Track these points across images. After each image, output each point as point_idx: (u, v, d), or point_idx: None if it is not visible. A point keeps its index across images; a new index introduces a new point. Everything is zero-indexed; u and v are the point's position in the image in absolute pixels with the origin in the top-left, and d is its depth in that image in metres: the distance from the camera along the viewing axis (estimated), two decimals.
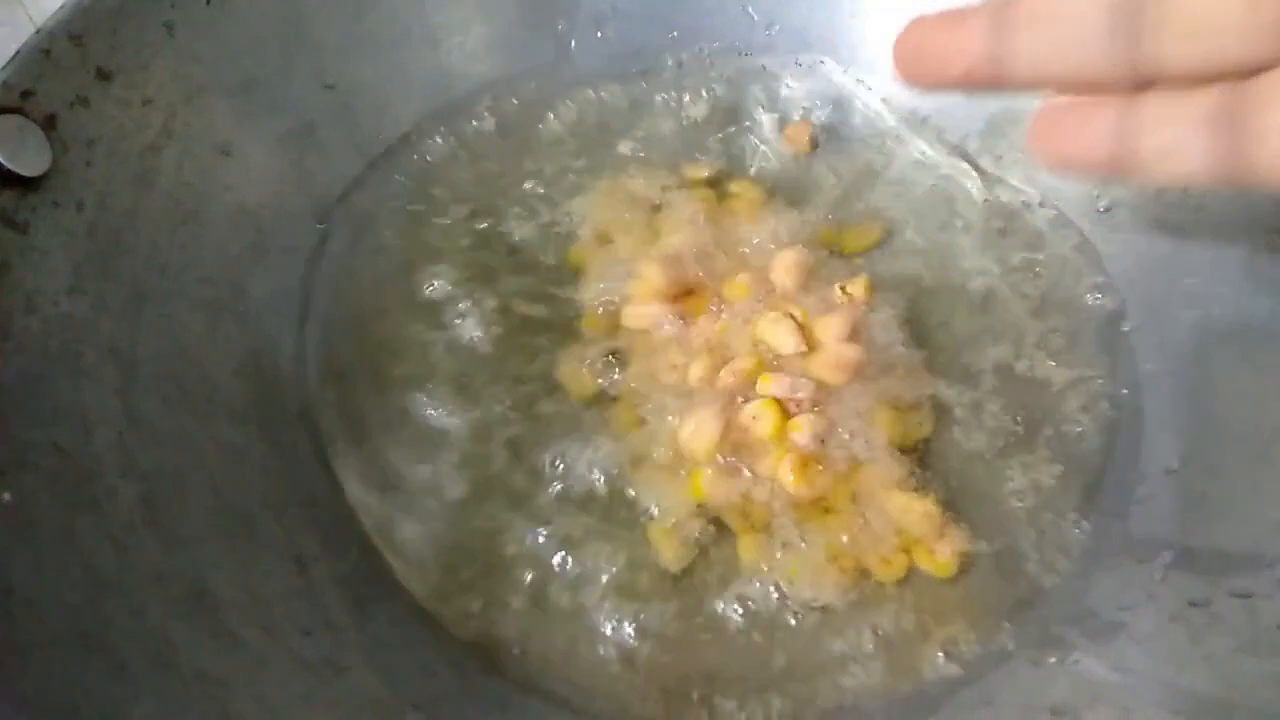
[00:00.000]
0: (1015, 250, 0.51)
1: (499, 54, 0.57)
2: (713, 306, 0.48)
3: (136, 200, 0.42)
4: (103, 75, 0.41)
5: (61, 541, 0.33)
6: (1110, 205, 0.51)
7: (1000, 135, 0.55)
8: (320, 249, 0.50)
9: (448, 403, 0.47)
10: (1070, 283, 0.50)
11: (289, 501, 0.42)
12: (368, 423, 0.46)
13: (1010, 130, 0.54)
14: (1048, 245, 0.51)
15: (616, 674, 0.40)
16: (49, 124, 0.39)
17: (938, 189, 0.54)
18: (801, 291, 0.47)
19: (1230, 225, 0.46)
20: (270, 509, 0.41)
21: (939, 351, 0.48)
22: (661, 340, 0.48)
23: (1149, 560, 0.40)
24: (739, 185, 0.54)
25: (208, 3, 0.45)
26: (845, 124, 0.57)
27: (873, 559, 0.42)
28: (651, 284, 0.48)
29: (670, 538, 0.43)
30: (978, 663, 0.40)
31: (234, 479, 0.41)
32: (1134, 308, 0.48)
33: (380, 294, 0.50)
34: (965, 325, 0.49)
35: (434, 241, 0.52)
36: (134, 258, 0.41)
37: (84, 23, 0.41)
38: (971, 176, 0.54)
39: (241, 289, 0.46)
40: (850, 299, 0.47)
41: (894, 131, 0.56)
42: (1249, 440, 0.41)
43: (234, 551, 0.38)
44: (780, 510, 0.43)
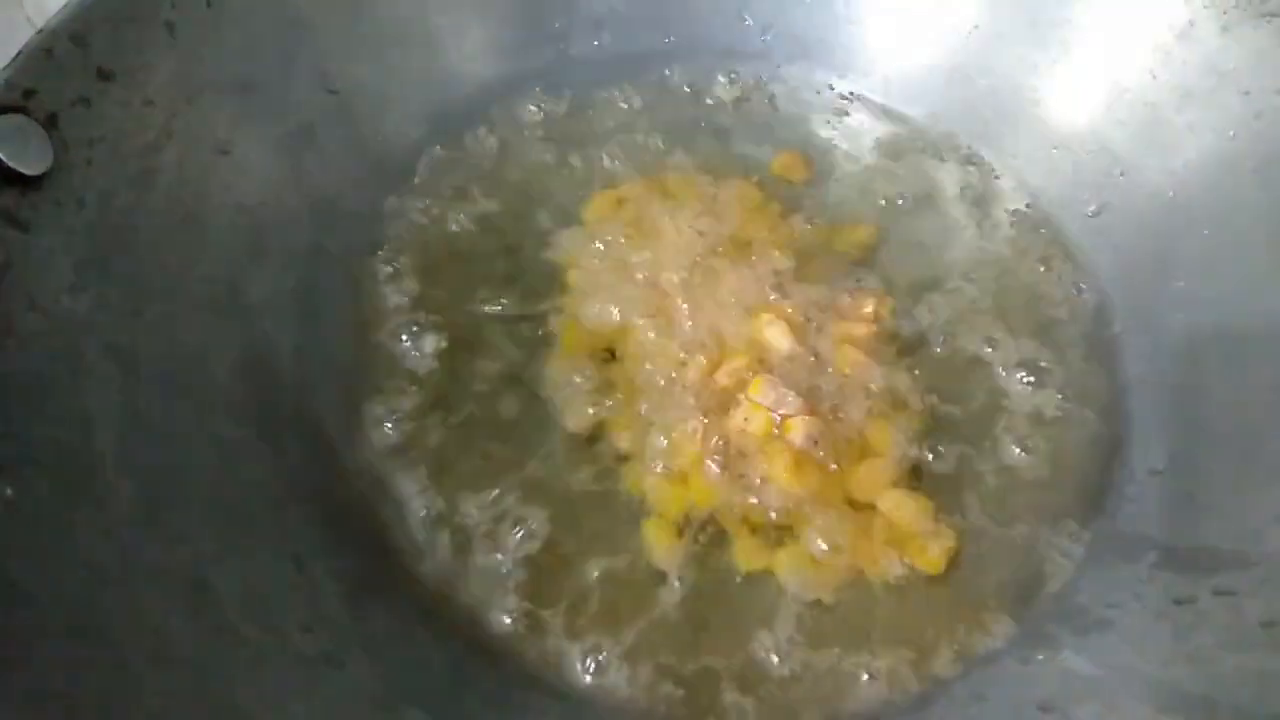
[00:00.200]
0: (1004, 252, 0.52)
1: (497, 56, 0.58)
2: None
3: (137, 199, 0.42)
4: (104, 75, 0.41)
5: (62, 538, 0.34)
6: (1099, 209, 0.51)
7: (991, 139, 0.56)
8: (319, 249, 0.50)
9: (439, 404, 0.47)
10: (1059, 286, 0.51)
11: (287, 498, 0.42)
12: (365, 422, 0.46)
13: (1001, 134, 0.55)
14: (1037, 248, 0.52)
15: (614, 671, 0.40)
16: (51, 123, 0.39)
17: (928, 191, 0.55)
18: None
19: (1219, 230, 0.46)
20: (269, 506, 0.41)
21: (928, 353, 0.49)
22: (654, 342, 0.48)
23: (1136, 559, 0.41)
24: (733, 188, 0.54)
25: (209, 4, 0.46)
26: (839, 126, 0.58)
27: (865, 557, 0.42)
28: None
29: (664, 537, 0.43)
30: (968, 660, 0.40)
31: (233, 476, 0.41)
32: (1122, 311, 0.49)
33: (376, 296, 0.50)
34: (954, 327, 0.50)
35: (430, 245, 0.52)
36: (134, 256, 0.41)
37: (86, 23, 0.41)
38: (962, 179, 0.55)
39: (240, 288, 0.46)
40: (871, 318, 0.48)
41: (886, 134, 0.57)
42: (1234, 442, 0.42)
43: (233, 548, 0.38)
44: (774, 509, 0.43)
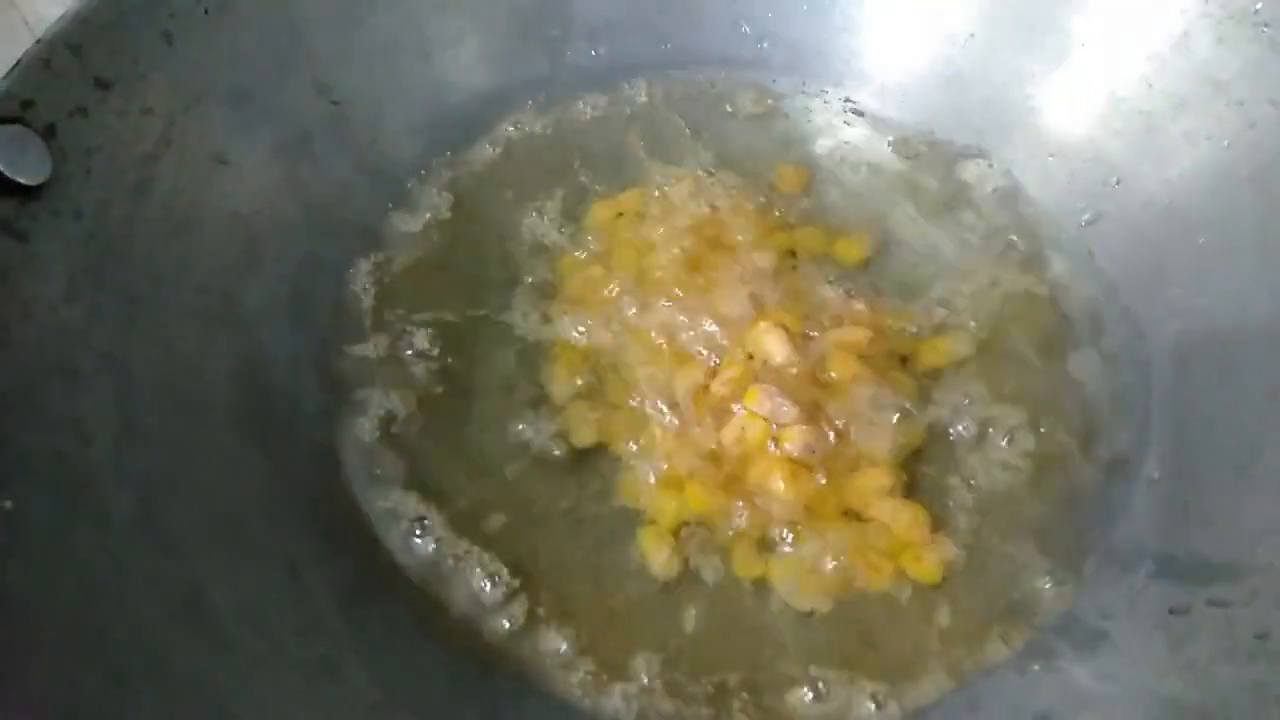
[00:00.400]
0: (999, 260, 0.52)
1: (492, 65, 0.58)
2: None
3: (134, 209, 0.42)
4: (102, 85, 0.41)
5: (59, 548, 0.34)
6: (1094, 218, 0.52)
7: (987, 147, 0.56)
8: (314, 258, 0.50)
9: (434, 414, 0.47)
10: (1054, 294, 0.51)
11: (283, 507, 0.42)
12: (359, 431, 0.46)
13: (996, 142, 0.55)
14: (1031, 256, 0.52)
15: (611, 681, 0.40)
16: (49, 133, 0.39)
17: (923, 199, 0.55)
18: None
19: (1214, 239, 0.47)
20: (265, 515, 0.41)
21: (922, 362, 0.49)
22: (650, 351, 0.48)
23: (1132, 569, 0.41)
24: (730, 196, 0.54)
25: (206, 13, 0.46)
26: (835, 134, 0.58)
27: (861, 566, 0.42)
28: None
29: (660, 546, 0.43)
30: (965, 670, 0.40)
31: (228, 485, 0.41)
32: (1116, 319, 0.49)
33: (371, 305, 0.50)
34: (948, 335, 0.50)
35: (426, 255, 0.52)
36: (130, 266, 0.41)
37: (83, 33, 0.41)
38: (957, 187, 0.55)
39: (236, 298, 0.46)
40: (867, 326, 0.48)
41: (881, 142, 0.57)
42: (1229, 453, 0.42)
43: (229, 557, 0.39)
44: (770, 518, 0.43)
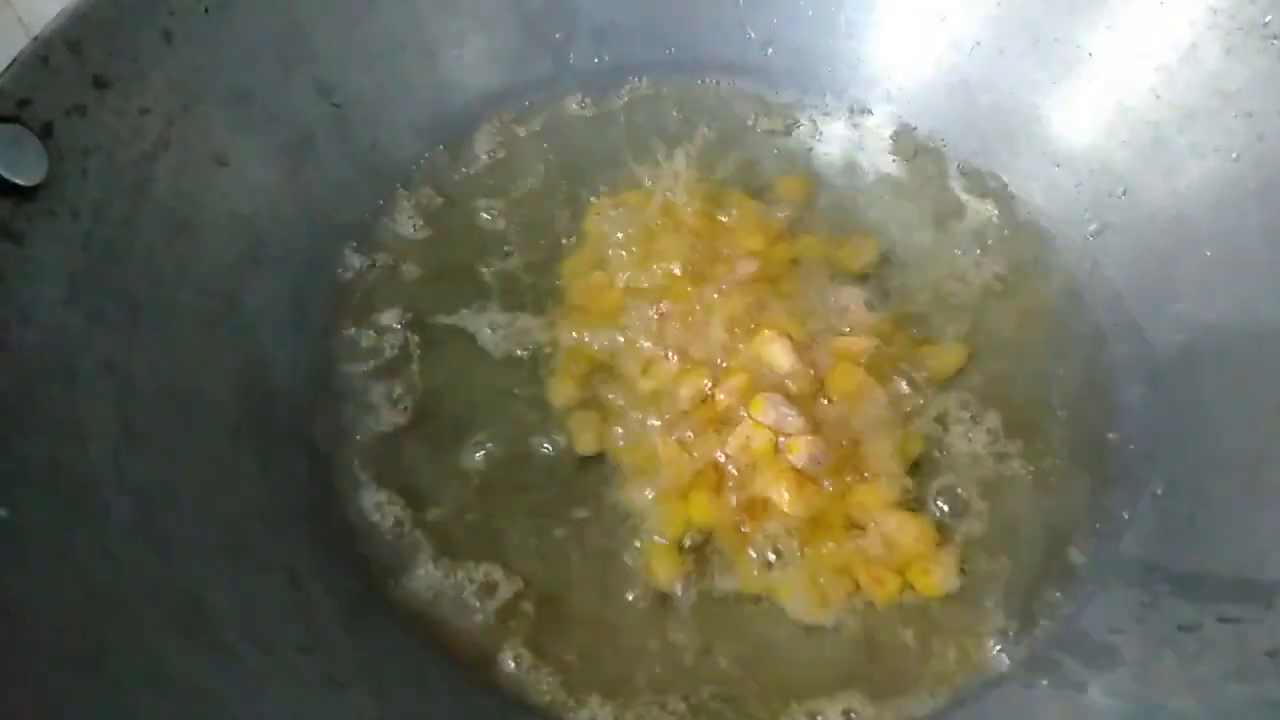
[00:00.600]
0: (1004, 270, 0.52)
1: (496, 67, 0.57)
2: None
3: (132, 210, 0.41)
4: (100, 83, 0.41)
5: (59, 556, 0.33)
6: (1100, 229, 0.51)
7: (992, 156, 0.55)
8: (315, 261, 0.49)
9: (437, 420, 0.47)
10: (1057, 305, 0.51)
11: (284, 516, 0.41)
12: (361, 437, 0.46)
13: (1002, 151, 0.55)
14: (1038, 269, 0.52)
15: (615, 694, 0.40)
16: (46, 132, 0.38)
17: (928, 207, 0.55)
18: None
19: (1221, 251, 0.46)
20: (265, 523, 0.41)
21: (926, 371, 0.48)
22: (653, 359, 0.48)
23: (1138, 584, 0.41)
24: (732, 202, 0.54)
25: (206, 11, 0.45)
26: (839, 141, 0.57)
27: (867, 579, 0.42)
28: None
29: (664, 558, 0.43)
30: (970, 685, 0.40)
31: (229, 493, 0.40)
32: (1121, 332, 0.49)
33: (373, 309, 0.50)
34: (953, 345, 0.49)
35: (428, 258, 0.52)
36: (129, 269, 0.41)
37: (82, 30, 0.40)
38: (962, 196, 0.55)
39: (236, 301, 0.45)
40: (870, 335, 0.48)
41: (886, 150, 0.57)
42: (1236, 466, 0.42)
43: (230, 566, 0.38)
44: (775, 529, 0.43)
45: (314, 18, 0.50)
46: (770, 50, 0.59)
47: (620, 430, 0.46)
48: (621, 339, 0.49)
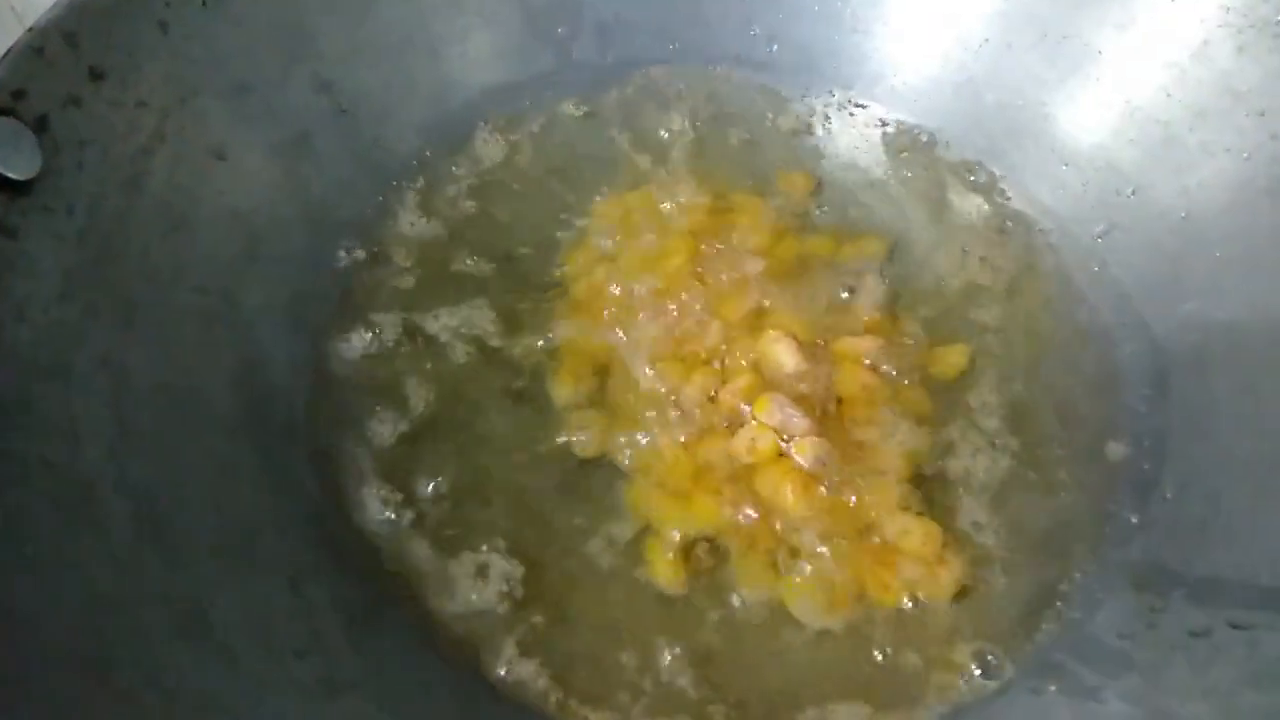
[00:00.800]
0: (1010, 269, 0.51)
1: (499, 62, 0.56)
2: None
3: (128, 205, 0.41)
4: (95, 75, 0.40)
5: (59, 559, 0.32)
6: (1108, 228, 0.51)
7: (999, 154, 0.55)
8: (314, 258, 0.49)
9: (437, 419, 0.46)
10: (1065, 305, 0.50)
11: (285, 518, 0.41)
12: (361, 437, 0.45)
13: (1009, 150, 0.55)
14: (1045, 269, 0.52)
15: (619, 702, 0.39)
16: (40, 125, 0.37)
17: (934, 205, 0.54)
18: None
19: (1231, 251, 0.46)
20: (266, 526, 0.40)
21: (930, 372, 0.48)
22: (657, 358, 0.47)
23: (1148, 589, 0.40)
24: (737, 199, 0.54)
25: (204, 3, 0.44)
26: (845, 138, 0.57)
27: (873, 582, 0.42)
28: None
29: (668, 560, 0.42)
30: (978, 690, 0.39)
31: (229, 494, 0.40)
32: (1129, 332, 0.49)
33: (374, 307, 0.49)
34: (958, 347, 0.49)
35: (429, 255, 0.51)
36: (125, 265, 0.40)
37: (77, 21, 0.39)
38: (968, 194, 0.54)
39: (234, 298, 0.44)
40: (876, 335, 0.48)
41: (892, 147, 0.56)
42: (1248, 469, 0.41)
43: (231, 570, 0.37)
44: (781, 532, 0.42)
45: (314, 11, 0.49)
46: (775, 46, 0.59)
47: (623, 431, 0.46)
48: (625, 338, 0.48)
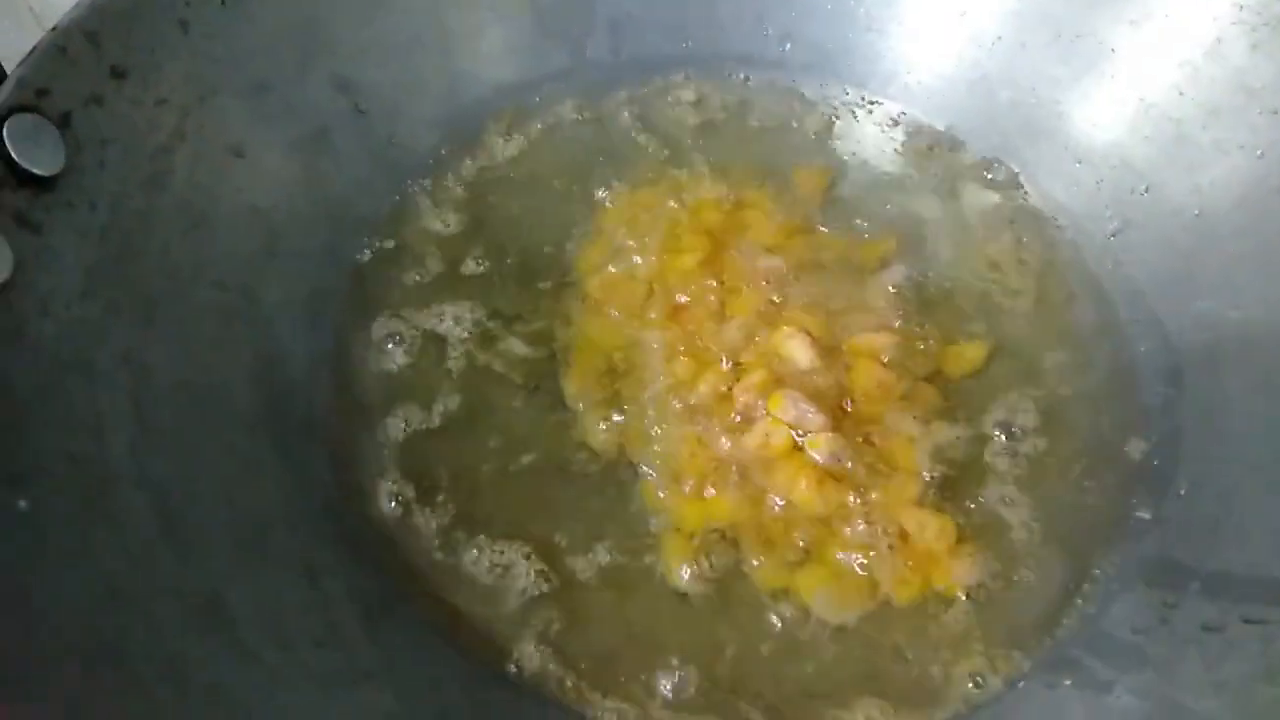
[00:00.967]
0: (1027, 270, 0.51)
1: (512, 60, 0.57)
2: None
3: (149, 202, 0.41)
4: (117, 73, 0.40)
5: (77, 551, 0.33)
6: (1122, 225, 0.51)
7: (1013, 152, 0.55)
8: (331, 254, 0.49)
9: (453, 416, 0.47)
10: (1079, 302, 0.51)
11: (301, 511, 0.41)
12: (377, 433, 0.46)
13: (1022, 147, 0.55)
14: (1059, 265, 0.52)
15: (635, 694, 0.40)
16: (64, 123, 0.38)
17: (947, 203, 0.54)
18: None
19: (1244, 248, 0.46)
20: (282, 519, 0.40)
21: (952, 374, 0.48)
22: (671, 355, 0.48)
23: (1162, 584, 0.40)
24: (753, 195, 0.54)
25: (223, 3, 0.45)
26: (858, 137, 0.57)
27: (889, 577, 0.42)
28: None
29: (684, 555, 0.43)
30: (993, 685, 0.40)
31: (246, 488, 0.40)
32: (1143, 329, 0.49)
33: (390, 303, 0.49)
34: (973, 344, 0.49)
35: (444, 251, 0.52)
36: (146, 261, 0.41)
37: (99, 21, 0.40)
38: (982, 192, 0.54)
39: (253, 294, 0.45)
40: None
41: (905, 145, 0.57)
42: (1261, 466, 0.41)
43: (247, 562, 0.38)
44: (796, 527, 0.43)
45: (331, 11, 0.49)
46: (789, 45, 0.59)
47: (638, 427, 0.46)
48: (639, 335, 0.48)
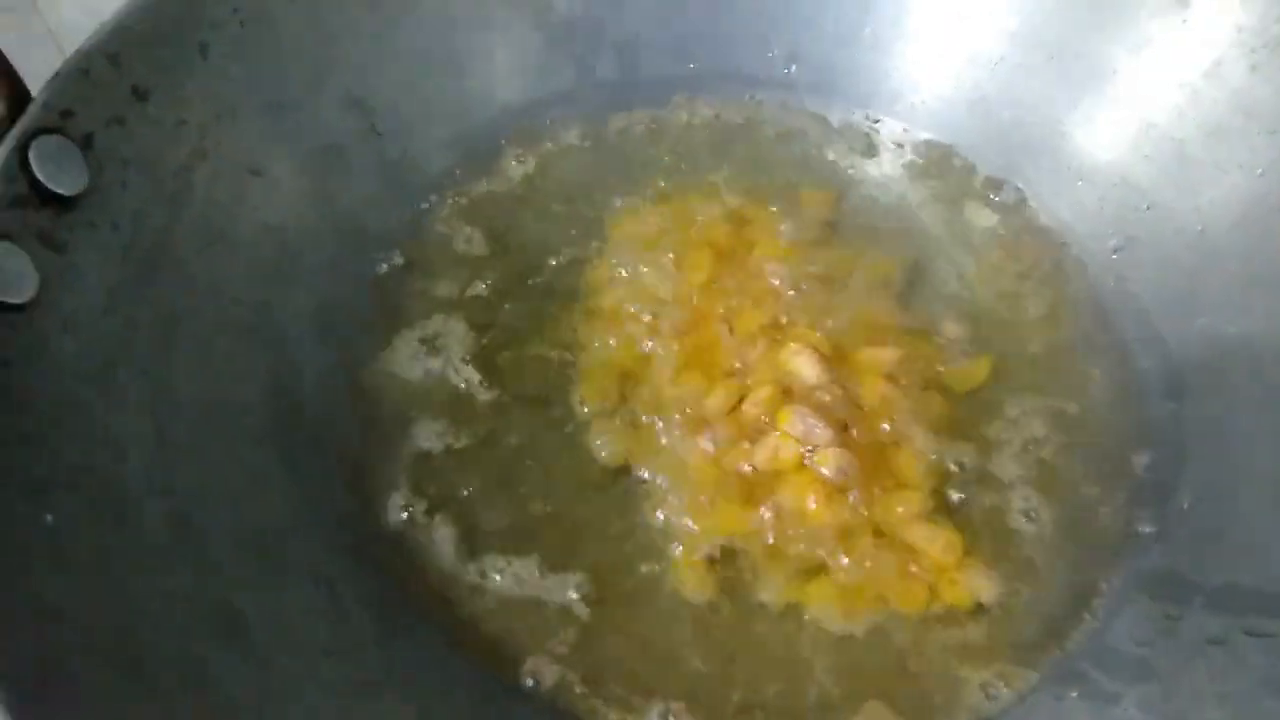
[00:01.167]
0: (1030, 288, 0.52)
1: (524, 80, 0.58)
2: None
3: (169, 220, 0.42)
4: (139, 95, 0.41)
5: (98, 563, 0.33)
6: (1124, 243, 0.52)
7: (1016, 171, 0.56)
8: (345, 271, 0.50)
9: (464, 430, 0.47)
10: (1081, 320, 0.51)
11: (315, 523, 0.42)
12: (390, 447, 0.46)
13: (1025, 166, 0.56)
14: (1063, 283, 0.52)
15: (646, 708, 0.40)
16: (86, 143, 0.39)
17: (951, 222, 0.55)
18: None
19: (1246, 267, 0.47)
20: (298, 531, 0.41)
21: (957, 390, 0.49)
22: (679, 370, 0.48)
23: (1166, 597, 0.41)
24: (760, 213, 0.54)
25: (242, 25, 0.46)
26: (863, 156, 0.58)
27: (896, 590, 0.42)
28: None
29: (692, 568, 0.43)
30: (999, 697, 0.40)
31: (262, 501, 0.41)
32: (1146, 346, 0.49)
33: (402, 320, 0.50)
34: (975, 362, 0.49)
35: (457, 268, 0.52)
36: (166, 279, 0.41)
37: (121, 43, 0.41)
38: (985, 211, 0.55)
39: (269, 311, 0.46)
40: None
41: (910, 164, 0.57)
42: (1264, 480, 0.42)
43: (263, 573, 0.38)
44: (804, 540, 0.43)
45: (346, 32, 0.50)
46: (794, 66, 0.60)
47: (648, 441, 0.47)
48: (649, 350, 0.49)
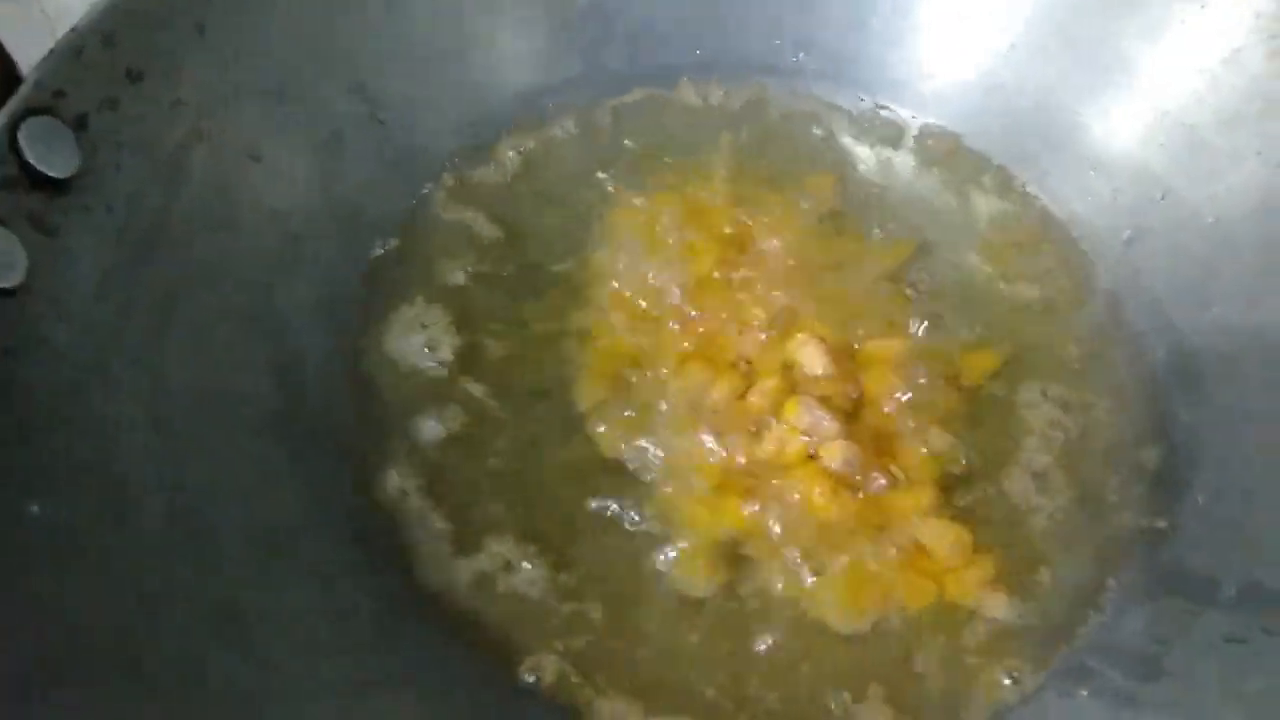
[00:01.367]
0: (1042, 277, 0.51)
1: (528, 67, 0.57)
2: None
3: (165, 204, 0.41)
4: (133, 76, 0.40)
5: (94, 558, 0.33)
6: (1137, 232, 0.51)
7: (1028, 159, 0.55)
8: (345, 259, 0.49)
9: (465, 421, 0.46)
10: (1094, 310, 0.50)
11: (317, 517, 0.41)
12: (391, 438, 0.45)
13: (1038, 154, 0.55)
14: (1075, 272, 0.51)
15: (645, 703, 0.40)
16: (79, 125, 0.38)
17: (962, 210, 0.54)
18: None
19: (1260, 257, 0.46)
20: (299, 525, 0.40)
21: (959, 381, 0.48)
22: (683, 361, 0.47)
23: (1182, 595, 0.40)
24: (766, 200, 0.54)
25: (240, 5, 0.45)
26: (872, 144, 0.57)
27: (902, 586, 0.41)
28: None
29: (695, 563, 0.42)
30: (1009, 695, 0.39)
31: (263, 493, 0.40)
32: (1161, 337, 0.49)
33: (403, 309, 0.49)
34: (986, 354, 0.49)
35: (458, 258, 0.51)
36: (162, 264, 0.40)
37: (115, 22, 0.40)
38: (997, 199, 0.54)
39: (268, 298, 0.45)
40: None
41: (920, 152, 0.57)
42: None
43: (265, 569, 0.38)
44: (809, 535, 0.42)
45: (348, 14, 0.49)
46: (802, 54, 0.59)
47: (651, 433, 0.46)
48: (652, 341, 0.48)
